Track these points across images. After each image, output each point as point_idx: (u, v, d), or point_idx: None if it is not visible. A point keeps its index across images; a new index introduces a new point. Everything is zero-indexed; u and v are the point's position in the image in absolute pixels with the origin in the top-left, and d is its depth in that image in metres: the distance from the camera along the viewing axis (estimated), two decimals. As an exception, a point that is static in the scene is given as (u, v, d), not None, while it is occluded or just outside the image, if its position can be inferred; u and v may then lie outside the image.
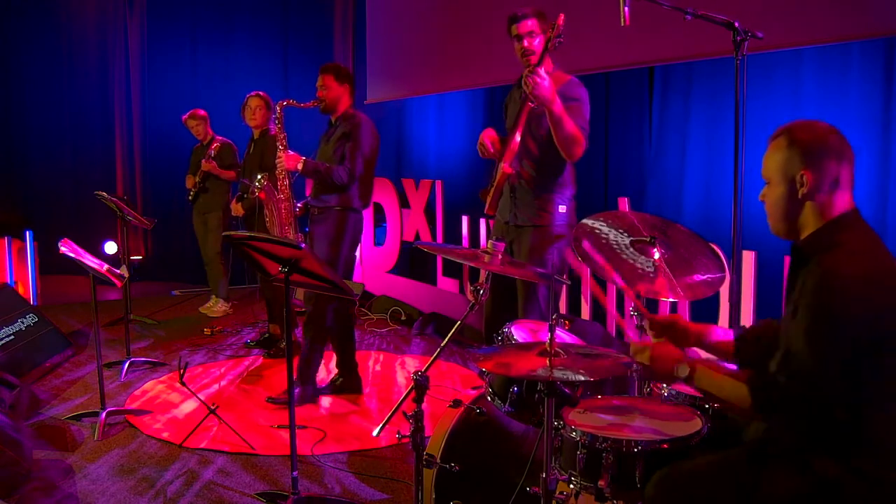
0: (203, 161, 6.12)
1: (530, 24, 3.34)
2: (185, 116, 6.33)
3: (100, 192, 5.64)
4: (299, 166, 4.21)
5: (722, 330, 2.20)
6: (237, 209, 5.34)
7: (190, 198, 6.38)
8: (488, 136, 3.45)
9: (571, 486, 2.08)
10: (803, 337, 1.74)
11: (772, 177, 1.90)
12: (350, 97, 4.40)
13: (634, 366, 2.13)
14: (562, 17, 3.17)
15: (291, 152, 4.25)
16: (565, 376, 2.00)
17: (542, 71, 3.14)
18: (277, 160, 4.32)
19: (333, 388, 4.52)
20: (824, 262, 1.75)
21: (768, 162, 1.91)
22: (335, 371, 4.58)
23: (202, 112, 6.32)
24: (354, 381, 4.54)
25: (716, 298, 3.78)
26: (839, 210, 1.85)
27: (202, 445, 3.74)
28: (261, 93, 5.32)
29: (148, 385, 4.69)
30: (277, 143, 4.35)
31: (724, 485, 1.85)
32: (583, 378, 2.03)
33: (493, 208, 3.48)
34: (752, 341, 2.12)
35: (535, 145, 3.37)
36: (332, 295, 3.61)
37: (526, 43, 3.35)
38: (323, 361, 4.78)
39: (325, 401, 4.39)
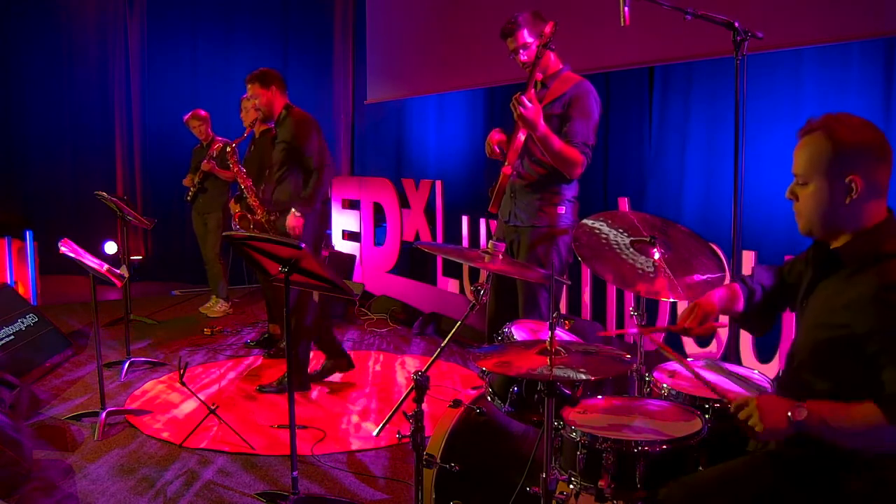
0: (203, 161, 6.13)
1: (520, 36, 3.30)
2: (186, 117, 6.34)
3: (100, 192, 5.65)
4: (300, 217, 4.21)
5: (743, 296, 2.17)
6: (236, 209, 5.33)
7: (188, 198, 6.39)
8: (495, 137, 3.45)
9: (571, 486, 2.08)
10: None
11: (809, 177, 1.76)
12: (283, 97, 4.44)
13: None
14: (550, 25, 3.15)
15: (296, 219, 4.22)
16: (566, 375, 2.00)
17: (525, 99, 3.11)
18: (293, 229, 4.24)
19: (324, 373, 4.62)
20: (886, 274, 1.66)
21: (804, 159, 1.77)
22: (323, 357, 4.67)
23: (203, 112, 6.33)
24: (342, 361, 4.63)
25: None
26: (876, 216, 1.76)
27: (202, 445, 3.74)
28: None
29: (148, 385, 4.69)
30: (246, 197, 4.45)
31: (731, 495, 1.83)
32: (583, 377, 2.03)
33: (496, 207, 3.48)
34: (757, 314, 2.11)
35: (536, 146, 3.36)
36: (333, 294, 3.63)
37: (523, 57, 3.33)
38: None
39: (325, 401, 4.40)
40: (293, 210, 4.23)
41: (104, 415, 3.92)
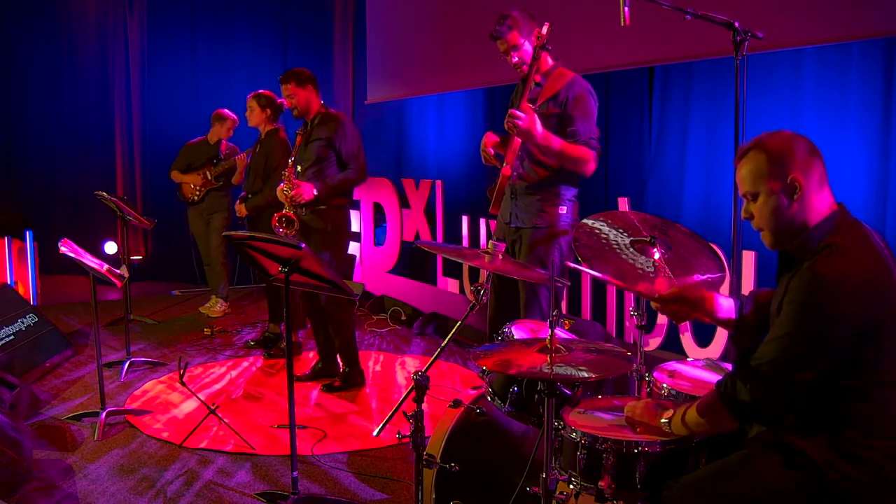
0: (240, 157, 5.99)
1: (510, 38, 3.30)
2: (221, 112, 6.19)
3: (100, 192, 5.64)
4: (315, 193, 4.26)
5: (727, 305, 2.15)
6: (241, 210, 5.34)
7: (196, 198, 6.30)
8: (490, 140, 3.44)
9: (571, 486, 2.08)
10: (787, 333, 1.76)
11: (756, 189, 1.88)
12: (318, 96, 4.50)
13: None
14: (546, 26, 3.15)
15: (302, 184, 4.24)
16: (566, 373, 2.00)
17: (516, 111, 3.11)
18: (295, 197, 4.23)
19: (315, 374, 4.70)
20: (815, 265, 1.75)
21: (748, 177, 1.89)
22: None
23: (234, 117, 6.20)
24: (333, 367, 4.69)
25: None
26: (826, 210, 1.87)
27: (202, 445, 3.74)
28: (260, 92, 5.31)
29: (148, 385, 4.69)
30: (284, 181, 4.28)
31: (729, 489, 1.85)
32: (584, 375, 2.03)
33: (497, 208, 3.48)
34: (750, 331, 2.12)
35: (535, 146, 3.36)
36: (333, 294, 3.64)
37: (515, 59, 3.34)
38: (305, 350, 5.06)
39: (325, 401, 4.40)
40: (312, 185, 4.25)
41: (104, 415, 3.92)
